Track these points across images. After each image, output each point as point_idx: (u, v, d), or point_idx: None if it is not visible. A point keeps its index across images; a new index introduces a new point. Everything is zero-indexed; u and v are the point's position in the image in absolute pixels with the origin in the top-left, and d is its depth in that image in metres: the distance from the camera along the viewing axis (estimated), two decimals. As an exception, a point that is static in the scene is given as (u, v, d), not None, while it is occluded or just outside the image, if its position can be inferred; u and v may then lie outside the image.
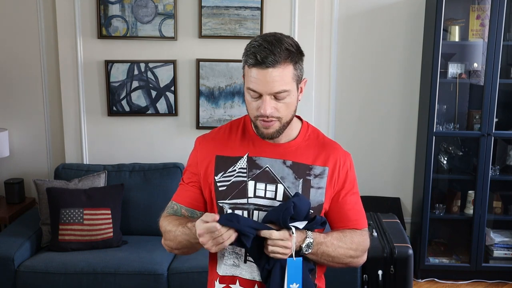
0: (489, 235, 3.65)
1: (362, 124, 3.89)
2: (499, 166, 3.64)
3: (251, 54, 1.39)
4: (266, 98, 1.40)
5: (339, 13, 3.73)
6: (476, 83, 3.59)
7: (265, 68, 1.37)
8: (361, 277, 3.02)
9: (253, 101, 1.43)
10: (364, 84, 3.84)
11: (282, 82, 1.39)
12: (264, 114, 1.41)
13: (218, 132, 1.60)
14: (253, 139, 1.54)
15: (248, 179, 1.49)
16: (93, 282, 2.94)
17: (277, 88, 1.39)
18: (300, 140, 1.55)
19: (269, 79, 1.38)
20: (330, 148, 1.57)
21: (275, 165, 1.50)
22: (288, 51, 1.40)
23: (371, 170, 3.92)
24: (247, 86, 1.43)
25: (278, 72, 1.38)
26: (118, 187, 3.32)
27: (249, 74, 1.41)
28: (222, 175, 1.51)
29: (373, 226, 3.30)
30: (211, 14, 3.52)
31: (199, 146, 1.59)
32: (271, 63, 1.37)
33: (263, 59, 1.37)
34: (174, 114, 3.65)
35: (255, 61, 1.37)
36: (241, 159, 1.51)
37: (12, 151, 3.76)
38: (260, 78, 1.38)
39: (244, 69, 1.45)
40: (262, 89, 1.39)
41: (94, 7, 3.50)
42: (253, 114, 1.45)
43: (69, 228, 3.13)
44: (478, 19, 3.49)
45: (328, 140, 1.60)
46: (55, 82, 3.71)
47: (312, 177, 1.51)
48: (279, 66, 1.38)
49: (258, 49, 1.38)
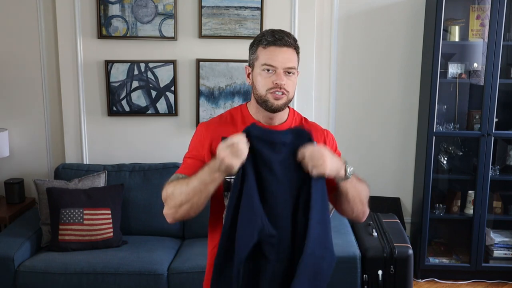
0: (489, 235, 3.65)
1: (362, 124, 3.89)
2: (499, 166, 3.64)
3: (268, 35, 1.63)
4: (281, 71, 1.62)
5: (339, 13, 3.73)
6: (476, 83, 3.59)
7: (282, 46, 1.62)
8: (361, 277, 3.02)
9: (266, 77, 1.63)
10: (364, 84, 3.84)
11: (292, 60, 1.65)
12: (280, 83, 1.61)
13: (220, 118, 1.77)
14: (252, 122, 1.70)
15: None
16: (93, 282, 2.94)
17: (290, 63, 1.63)
18: (290, 122, 1.76)
19: (285, 55, 1.63)
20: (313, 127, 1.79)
21: None
22: (294, 40, 1.67)
23: (371, 170, 3.92)
24: (263, 62, 1.63)
25: (290, 52, 1.64)
26: (118, 187, 3.32)
27: (264, 53, 1.63)
28: None
29: (373, 226, 3.30)
30: (211, 14, 3.52)
31: (205, 129, 1.73)
32: (286, 43, 1.63)
33: (281, 38, 1.63)
34: (174, 114, 3.65)
35: (274, 39, 1.62)
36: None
37: (12, 151, 3.76)
38: (277, 54, 1.62)
39: (256, 53, 1.66)
40: (278, 63, 1.62)
41: (94, 7, 3.50)
42: (266, 87, 1.63)
43: (69, 228, 3.13)
44: (478, 19, 3.49)
45: (310, 122, 1.83)
46: (55, 82, 3.71)
47: None
48: (290, 48, 1.65)
49: (274, 32, 1.64)
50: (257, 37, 1.68)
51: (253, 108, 1.73)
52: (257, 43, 1.66)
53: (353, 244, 3.10)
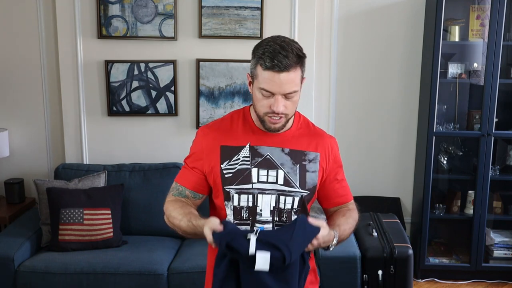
0: (489, 235, 3.65)
1: (362, 124, 3.89)
2: (499, 166, 3.64)
3: (267, 58, 1.51)
4: (279, 97, 1.55)
5: (339, 13, 3.73)
6: (476, 83, 3.59)
7: (280, 72, 1.51)
8: (361, 277, 3.02)
9: (264, 99, 1.56)
10: (364, 84, 3.84)
11: (293, 84, 1.55)
12: (277, 111, 1.55)
13: (221, 123, 1.73)
14: (253, 129, 1.69)
15: (252, 167, 1.64)
16: (93, 282, 2.94)
17: (289, 89, 1.54)
18: (295, 129, 1.71)
19: (284, 81, 1.52)
20: (319, 136, 1.74)
21: (274, 153, 1.66)
22: (298, 56, 1.54)
23: (371, 170, 3.93)
24: (261, 86, 1.55)
25: (291, 75, 1.53)
26: (118, 187, 3.32)
27: (263, 76, 1.53)
28: (228, 163, 1.64)
29: (373, 226, 3.30)
30: (211, 14, 3.52)
31: (204, 136, 1.70)
32: (286, 68, 1.51)
33: (279, 63, 1.50)
34: (174, 114, 3.65)
35: (272, 64, 1.50)
36: (244, 149, 1.65)
37: (12, 151, 3.76)
38: (275, 80, 1.52)
39: (256, 69, 1.56)
40: (276, 90, 1.53)
41: (94, 7, 3.50)
42: (263, 111, 1.58)
43: (69, 228, 3.12)
44: (478, 19, 3.49)
45: (317, 129, 1.77)
46: (55, 82, 3.71)
47: (307, 162, 1.68)
48: (292, 70, 1.53)
49: (274, 54, 1.50)
50: (259, 48, 1.56)
51: (254, 114, 1.67)
52: (257, 59, 1.55)
53: (353, 244, 3.10)
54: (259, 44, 1.57)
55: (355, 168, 3.92)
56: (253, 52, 1.58)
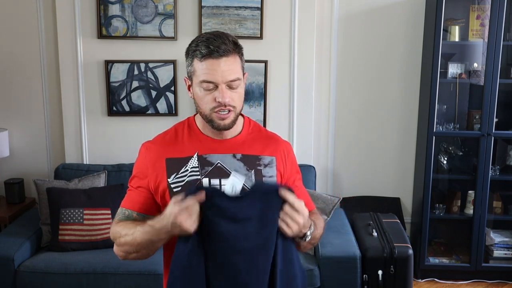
0: (489, 235, 3.65)
1: (362, 124, 3.89)
2: (499, 166, 3.64)
3: (202, 46, 1.43)
4: (223, 86, 1.44)
5: (339, 13, 3.73)
6: (476, 83, 3.59)
7: (219, 57, 1.42)
8: (361, 277, 3.02)
9: (207, 94, 1.46)
10: (364, 84, 3.84)
11: (235, 70, 1.45)
12: (223, 102, 1.45)
13: (164, 136, 1.62)
14: (200, 138, 1.57)
15: (202, 177, 1.51)
16: (93, 282, 2.94)
17: (232, 76, 1.45)
18: (245, 134, 1.60)
19: (224, 68, 1.43)
20: (273, 140, 1.63)
21: (225, 160, 1.54)
22: (234, 43, 1.46)
23: (371, 170, 3.93)
24: (201, 79, 1.45)
25: (230, 61, 1.44)
26: (118, 187, 3.32)
27: (201, 67, 1.44)
28: (175, 177, 1.52)
29: (373, 226, 3.30)
30: (211, 14, 3.52)
31: (146, 152, 1.59)
32: (224, 52, 1.42)
33: (217, 47, 1.42)
34: (174, 114, 3.65)
35: (209, 51, 1.42)
36: (192, 159, 1.54)
37: (12, 151, 3.76)
38: (215, 67, 1.43)
39: (192, 66, 1.47)
40: (218, 78, 1.43)
41: (94, 7, 3.50)
42: (209, 107, 1.47)
43: (69, 228, 3.13)
44: (478, 19, 3.49)
45: (270, 133, 1.67)
46: (55, 82, 3.71)
47: (262, 167, 1.56)
48: (231, 55, 1.44)
49: (209, 41, 1.43)
50: (191, 44, 1.48)
51: (200, 122, 1.57)
52: (192, 54, 1.46)
53: (353, 244, 3.10)
54: (191, 42, 1.49)
55: (355, 168, 3.92)
56: (186, 53, 1.51)
